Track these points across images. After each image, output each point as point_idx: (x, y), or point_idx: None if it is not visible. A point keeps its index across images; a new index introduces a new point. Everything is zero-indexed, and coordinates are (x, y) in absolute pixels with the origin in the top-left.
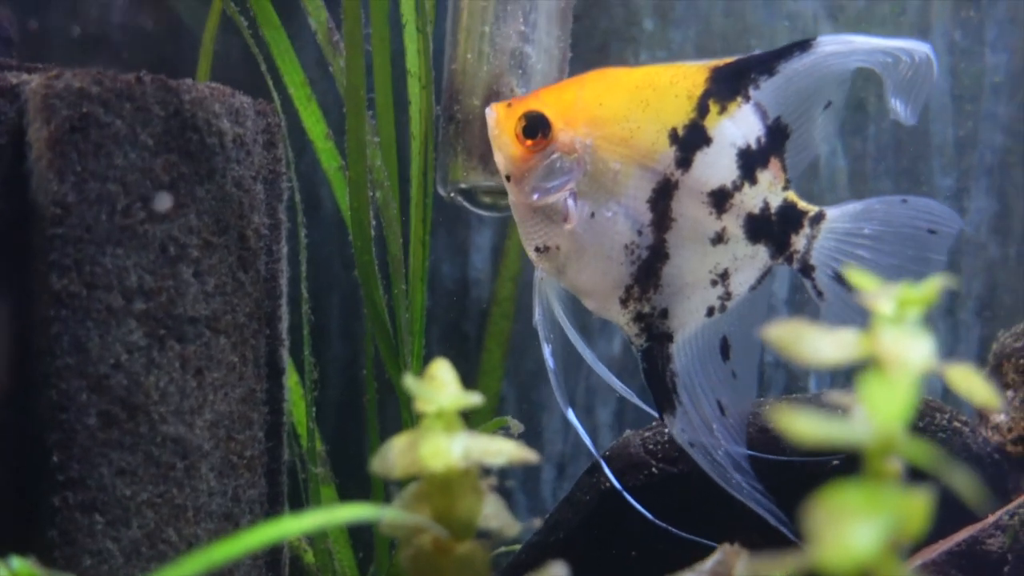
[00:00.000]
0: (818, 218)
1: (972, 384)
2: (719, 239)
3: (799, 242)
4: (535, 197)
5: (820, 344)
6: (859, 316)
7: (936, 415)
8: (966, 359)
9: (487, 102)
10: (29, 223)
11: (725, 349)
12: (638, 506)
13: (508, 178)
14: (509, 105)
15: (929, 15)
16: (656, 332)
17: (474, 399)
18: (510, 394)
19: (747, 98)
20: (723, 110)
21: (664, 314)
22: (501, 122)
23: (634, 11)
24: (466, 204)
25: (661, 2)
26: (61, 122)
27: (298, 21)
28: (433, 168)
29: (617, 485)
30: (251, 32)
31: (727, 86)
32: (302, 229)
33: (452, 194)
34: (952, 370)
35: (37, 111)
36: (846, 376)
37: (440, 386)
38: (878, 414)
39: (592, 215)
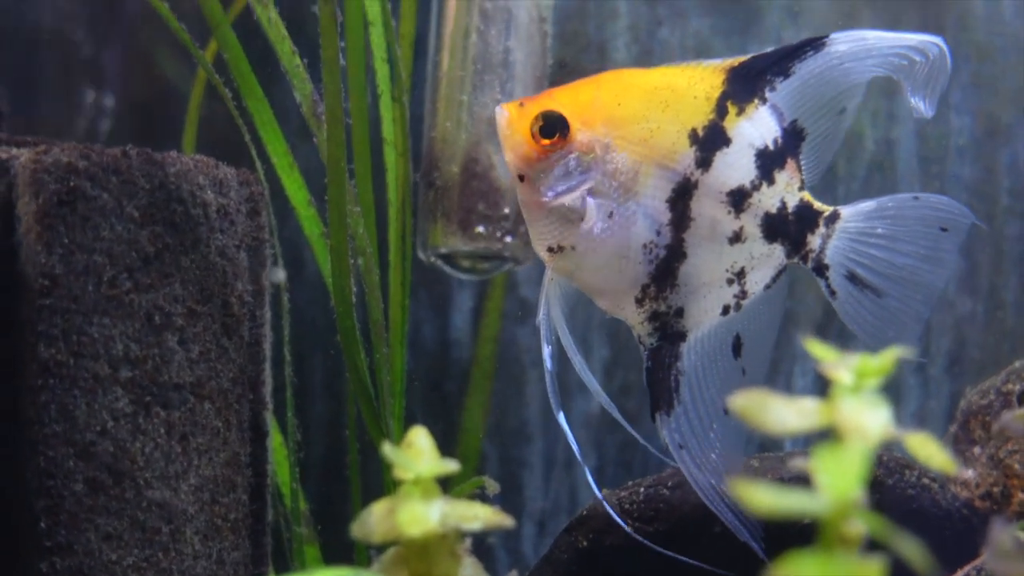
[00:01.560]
0: (833, 218)
1: (930, 450)
2: (737, 238)
3: (814, 241)
4: (551, 197)
5: (783, 414)
6: (870, 315)
7: (905, 472)
8: (937, 415)
9: (465, 169)
10: (18, 294)
11: (737, 347)
12: (647, 543)
13: (521, 178)
14: (521, 105)
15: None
16: (670, 331)
17: (450, 466)
18: (491, 452)
19: (764, 100)
20: (741, 111)
21: (680, 313)
22: (514, 122)
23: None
24: (446, 268)
25: (641, 59)
26: (49, 196)
27: (280, 87)
28: (411, 233)
29: (611, 511)
30: (235, 103)
31: (744, 87)
32: (285, 293)
33: (432, 258)
34: (910, 437)
35: (26, 185)
36: None
37: (417, 454)
38: (833, 485)
39: (610, 215)
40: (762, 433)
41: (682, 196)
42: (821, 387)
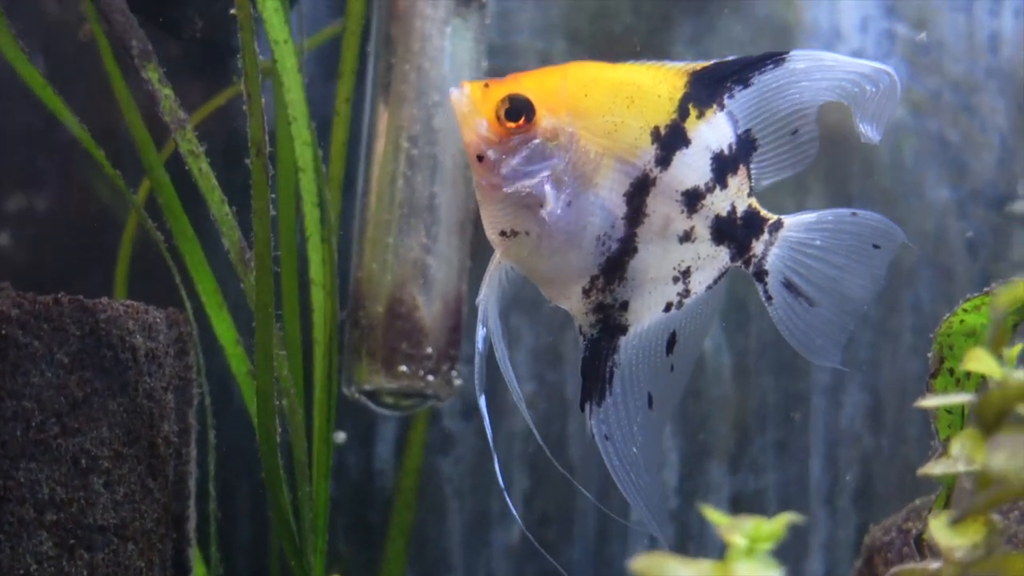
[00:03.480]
0: (776, 226)
1: None
2: (687, 238)
3: (758, 247)
4: (510, 180)
5: (681, 574)
6: (802, 322)
7: None
8: (845, 545)
9: (390, 309)
10: None
11: (671, 343)
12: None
13: (480, 159)
14: (486, 86)
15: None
16: (612, 323)
17: None
18: None
19: (722, 106)
20: (701, 115)
21: (624, 306)
22: (477, 102)
23: None
24: (370, 404)
25: None
26: None
27: (212, 228)
28: (337, 370)
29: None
30: (167, 243)
31: (705, 92)
32: (211, 431)
33: (357, 395)
34: None
35: None
36: None
37: None
38: None
39: (568, 204)
40: None
41: (639, 192)
42: None
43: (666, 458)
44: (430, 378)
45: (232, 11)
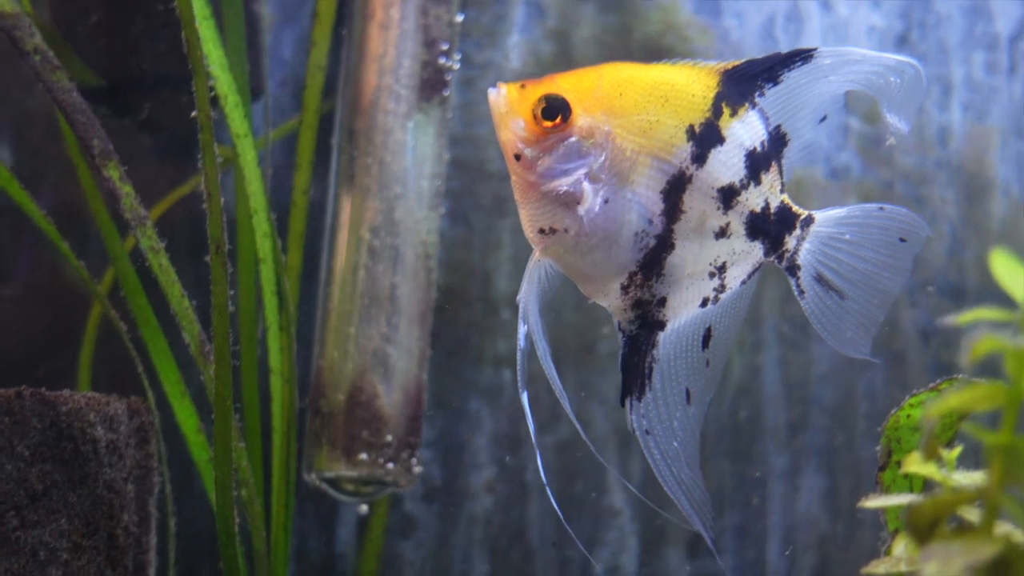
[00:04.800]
0: (808, 221)
1: None
2: (722, 233)
3: (790, 242)
4: (548, 178)
5: None
6: (833, 315)
7: None
8: None
9: (350, 398)
10: None
11: (707, 338)
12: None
13: (517, 157)
14: (522, 86)
15: (761, 309)
16: (650, 319)
17: None
18: None
19: (754, 104)
20: (734, 113)
21: (662, 302)
22: (515, 102)
23: (492, 304)
24: (331, 491)
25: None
26: None
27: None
28: (296, 457)
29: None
30: (130, 333)
31: (737, 90)
32: (172, 518)
33: (318, 482)
34: None
35: None
36: None
37: None
38: None
39: (606, 201)
40: None
41: (676, 189)
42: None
43: (624, 543)
44: (390, 466)
45: (192, 114)
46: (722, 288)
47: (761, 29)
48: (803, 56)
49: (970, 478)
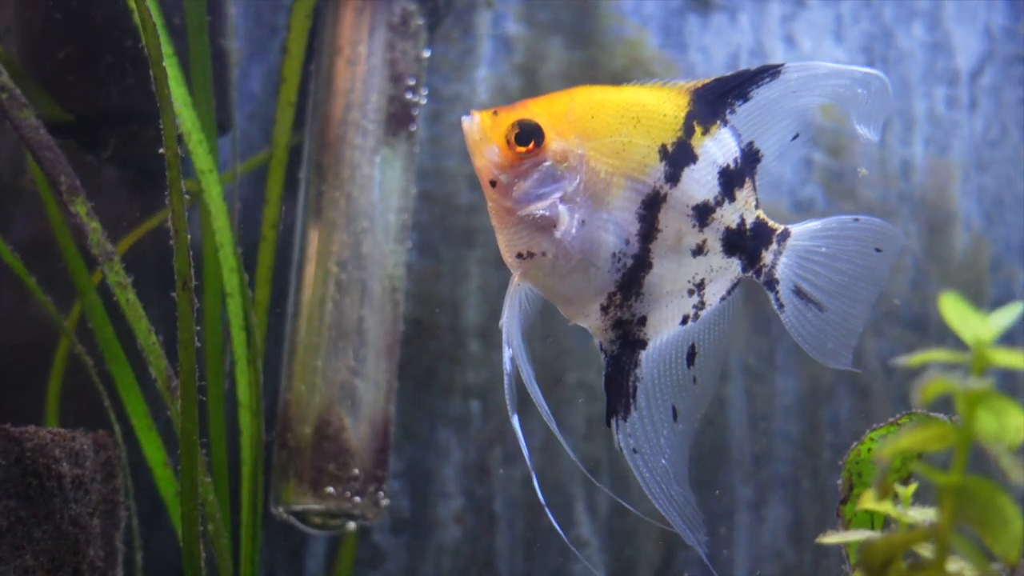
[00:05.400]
0: (784, 235)
1: None
2: (699, 251)
3: (768, 257)
4: (524, 203)
5: None
6: (813, 327)
7: None
8: None
9: (317, 431)
10: None
11: (692, 356)
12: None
13: (493, 183)
14: (495, 113)
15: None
16: (632, 338)
17: None
18: None
19: (725, 121)
20: (706, 131)
21: (642, 321)
22: (488, 129)
23: (460, 335)
24: (298, 524)
25: (485, 326)
26: None
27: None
28: (263, 490)
29: (543, 501)
30: (97, 367)
31: (708, 109)
32: (139, 552)
33: (285, 515)
34: None
35: None
36: None
37: None
38: None
39: (583, 223)
40: None
41: (651, 208)
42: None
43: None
44: (357, 499)
45: (160, 150)
46: (702, 305)
47: (726, 64)
48: (771, 72)
49: (925, 514)
